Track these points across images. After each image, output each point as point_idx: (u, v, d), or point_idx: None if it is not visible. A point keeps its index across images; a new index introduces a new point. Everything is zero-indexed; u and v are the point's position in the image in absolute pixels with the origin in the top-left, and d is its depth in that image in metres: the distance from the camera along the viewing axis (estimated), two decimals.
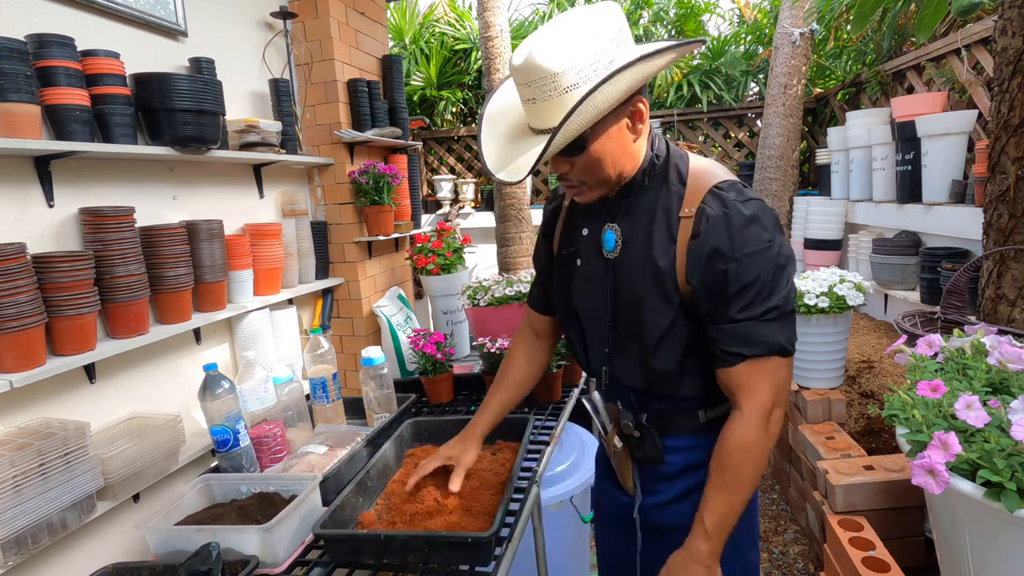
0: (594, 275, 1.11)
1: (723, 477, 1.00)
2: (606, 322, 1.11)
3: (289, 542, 1.21)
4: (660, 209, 1.03)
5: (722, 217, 0.96)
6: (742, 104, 5.30)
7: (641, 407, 1.13)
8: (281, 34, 2.27)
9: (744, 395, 0.98)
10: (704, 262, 0.97)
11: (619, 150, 1.00)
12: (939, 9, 1.89)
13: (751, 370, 0.97)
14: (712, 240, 0.96)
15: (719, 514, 0.99)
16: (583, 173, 1.01)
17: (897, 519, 1.81)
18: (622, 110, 0.97)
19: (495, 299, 2.13)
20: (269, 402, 1.58)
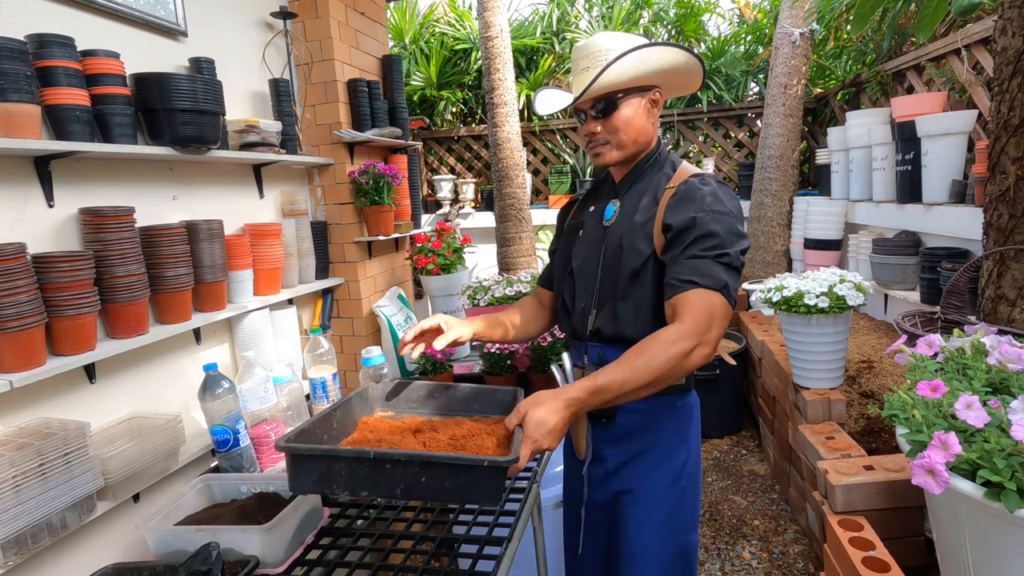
0: (592, 240, 1.33)
1: (633, 357, 1.05)
2: (595, 277, 1.29)
3: (289, 542, 1.21)
4: (652, 186, 1.28)
5: (697, 187, 1.20)
6: (742, 104, 5.30)
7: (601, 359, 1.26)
8: (281, 34, 2.27)
9: (688, 313, 1.09)
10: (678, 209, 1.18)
11: (639, 122, 1.25)
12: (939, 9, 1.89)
13: (698, 297, 1.10)
14: (687, 196, 1.19)
15: (608, 380, 1.03)
16: (610, 133, 1.25)
17: (897, 519, 1.80)
18: (647, 92, 1.25)
19: (495, 299, 2.13)
20: (269, 402, 1.58)
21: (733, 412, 3.55)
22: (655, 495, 1.27)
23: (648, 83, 1.24)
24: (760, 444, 3.34)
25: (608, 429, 1.29)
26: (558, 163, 5.67)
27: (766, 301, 2.31)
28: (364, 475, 0.95)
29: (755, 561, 2.34)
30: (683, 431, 1.31)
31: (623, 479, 1.29)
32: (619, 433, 1.28)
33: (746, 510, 2.71)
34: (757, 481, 2.96)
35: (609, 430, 1.29)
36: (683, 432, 1.31)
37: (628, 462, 1.28)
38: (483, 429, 1.17)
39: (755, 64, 5.47)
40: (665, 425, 1.28)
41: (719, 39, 5.81)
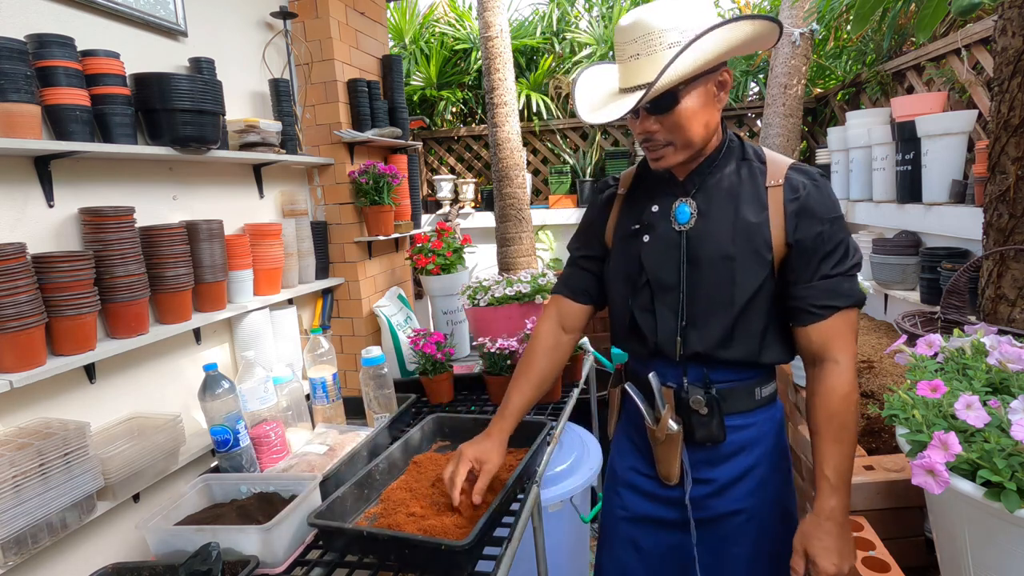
0: (666, 247, 1.13)
1: (833, 428, 1.05)
2: (680, 292, 1.12)
3: (289, 542, 1.21)
4: (743, 181, 1.11)
5: (813, 187, 1.07)
6: (742, 104, 5.30)
7: (709, 382, 1.13)
8: (281, 34, 2.27)
9: (837, 346, 1.06)
10: (804, 223, 1.06)
11: (706, 114, 1.06)
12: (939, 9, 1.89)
13: (841, 322, 1.06)
14: (811, 204, 1.06)
15: (838, 466, 1.03)
16: (671, 132, 1.05)
17: (897, 519, 1.80)
18: (712, 75, 1.04)
19: (495, 299, 2.13)
20: (269, 402, 1.58)
21: None
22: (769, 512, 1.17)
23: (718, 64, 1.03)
24: None
25: (711, 451, 1.16)
26: (558, 163, 5.67)
27: None
28: (365, 545, 1.16)
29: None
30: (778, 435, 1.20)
31: (730, 501, 1.16)
32: (725, 452, 1.15)
33: None
34: None
35: (712, 452, 1.16)
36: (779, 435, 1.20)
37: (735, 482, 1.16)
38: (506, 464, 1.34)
39: (755, 64, 5.47)
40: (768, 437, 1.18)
41: None
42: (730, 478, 1.15)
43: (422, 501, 1.26)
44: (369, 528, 1.15)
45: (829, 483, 1.03)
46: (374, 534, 1.13)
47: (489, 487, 1.30)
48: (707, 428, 1.13)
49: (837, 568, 1.01)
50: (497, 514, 1.21)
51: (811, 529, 1.04)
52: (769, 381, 1.17)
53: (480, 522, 1.11)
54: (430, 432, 1.61)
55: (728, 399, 1.13)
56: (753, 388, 1.15)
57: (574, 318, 1.31)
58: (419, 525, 1.17)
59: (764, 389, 1.16)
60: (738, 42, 1.00)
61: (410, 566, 1.13)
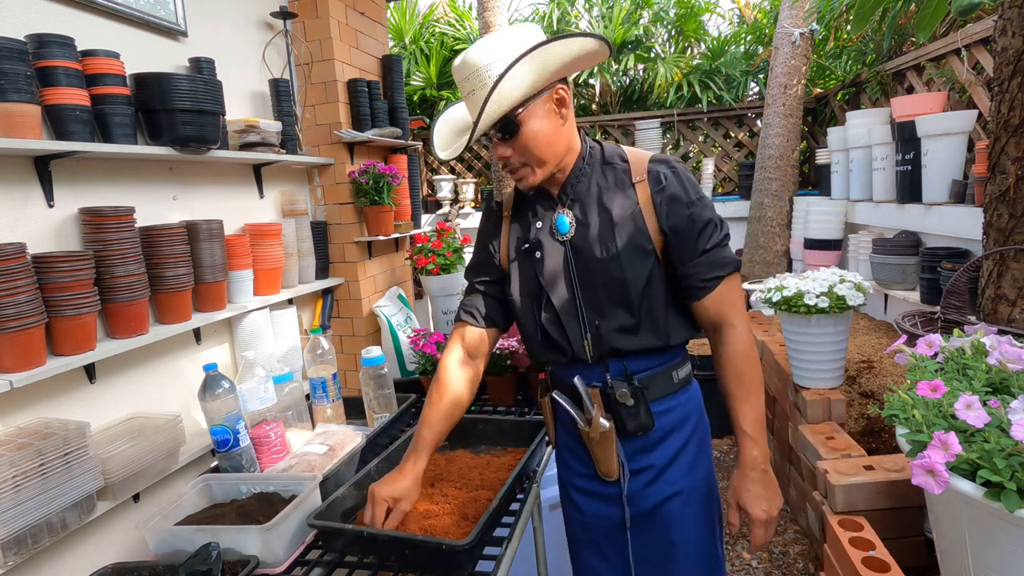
0: (555, 260, 1.20)
1: (743, 385, 1.15)
2: (576, 299, 1.19)
3: (289, 542, 1.21)
4: (610, 184, 1.19)
5: (672, 174, 1.16)
6: (742, 104, 5.30)
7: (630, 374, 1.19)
8: (281, 34, 2.27)
9: (729, 310, 1.16)
10: (672, 209, 1.14)
11: (550, 130, 1.13)
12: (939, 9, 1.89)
13: (728, 288, 1.16)
14: (673, 191, 1.15)
15: (753, 418, 1.14)
16: (522, 154, 1.13)
17: (897, 519, 1.80)
18: (547, 94, 1.11)
19: None
20: (269, 402, 1.58)
21: None
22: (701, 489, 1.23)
23: (546, 84, 1.09)
24: None
25: (643, 440, 1.20)
26: None
27: (766, 301, 2.31)
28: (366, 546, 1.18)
29: (755, 561, 2.34)
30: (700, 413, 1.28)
31: (667, 484, 1.20)
32: (656, 438, 1.20)
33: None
34: None
35: (644, 440, 1.20)
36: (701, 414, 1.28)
37: (670, 464, 1.21)
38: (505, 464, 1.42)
39: (755, 64, 5.47)
40: (692, 414, 1.24)
41: (719, 39, 5.81)
42: (665, 461, 1.21)
43: (421, 501, 1.26)
44: (369, 528, 1.15)
45: (748, 436, 1.13)
46: (374, 534, 1.13)
47: (489, 486, 1.31)
48: (636, 418, 1.18)
49: (767, 513, 1.11)
50: (497, 514, 1.21)
51: (739, 482, 1.14)
52: (684, 363, 1.24)
53: (480, 522, 1.11)
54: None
55: (650, 386, 1.19)
56: (670, 372, 1.21)
57: (480, 343, 1.29)
58: (419, 525, 1.17)
59: (680, 371, 1.23)
60: (557, 63, 1.07)
61: (410, 566, 1.13)
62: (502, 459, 1.46)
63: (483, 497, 1.26)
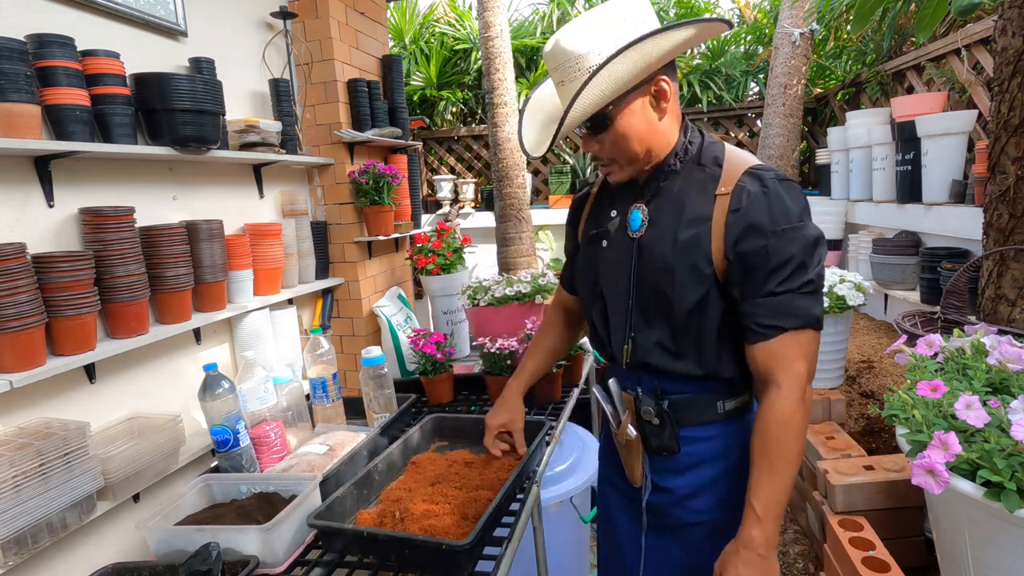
0: (619, 254, 1.12)
1: (767, 457, 0.98)
2: (629, 299, 1.11)
3: (289, 542, 1.21)
4: (694, 189, 1.05)
5: (761, 194, 0.99)
6: (742, 104, 5.30)
7: (663, 393, 1.11)
8: (281, 34, 2.27)
9: (781, 369, 0.99)
10: (744, 236, 0.99)
11: (645, 127, 1.03)
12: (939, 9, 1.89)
13: (788, 343, 0.98)
14: (752, 215, 0.98)
15: (767, 498, 0.97)
16: (612, 150, 1.05)
17: (897, 519, 1.80)
18: (645, 87, 1.01)
19: (495, 299, 2.13)
20: (269, 402, 1.58)
21: None
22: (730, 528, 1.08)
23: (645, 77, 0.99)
24: None
25: (670, 460, 1.13)
26: (558, 163, 5.67)
27: None
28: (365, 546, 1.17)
29: None
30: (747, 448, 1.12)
31: (691, 512, 1.13)
32: (684, 463, 1.12)
33: None
34: None
35: (672, 461, 1.13)
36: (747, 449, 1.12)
37: (697, 493, 1.12)
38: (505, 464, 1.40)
39: (755, 64, 5.47)
40: (734, 451, 1.11)
41: (719, 39, 5.81)
42: (690, 490, 1.12)
43: (421, 501, 1.26)
44: (369, 528, 1.15)
45: (754, 512, 0.97)
46: (374, 534, 1.13)
47: (489, 486, 1.31)
48: (659, 438, 1.11)
49: None
50: (497, 514, 1.21)
51: (730, 555, 0.99)
52: (737, 394, 1.11)
53: (480, 522, 1.11)
54: (429, 432, 1.61)
55: (685, 411, 1.10)
56: (715, 400, 1.10)
57: (574, 303, 1.38)
58: (419, 525, 1.17)
59: (730, 402, 1.10)
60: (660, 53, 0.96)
61: (410, 566, 1.13)
62: (502, 459, 1.46)
63: (483, 497, 1.26)
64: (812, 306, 0.98)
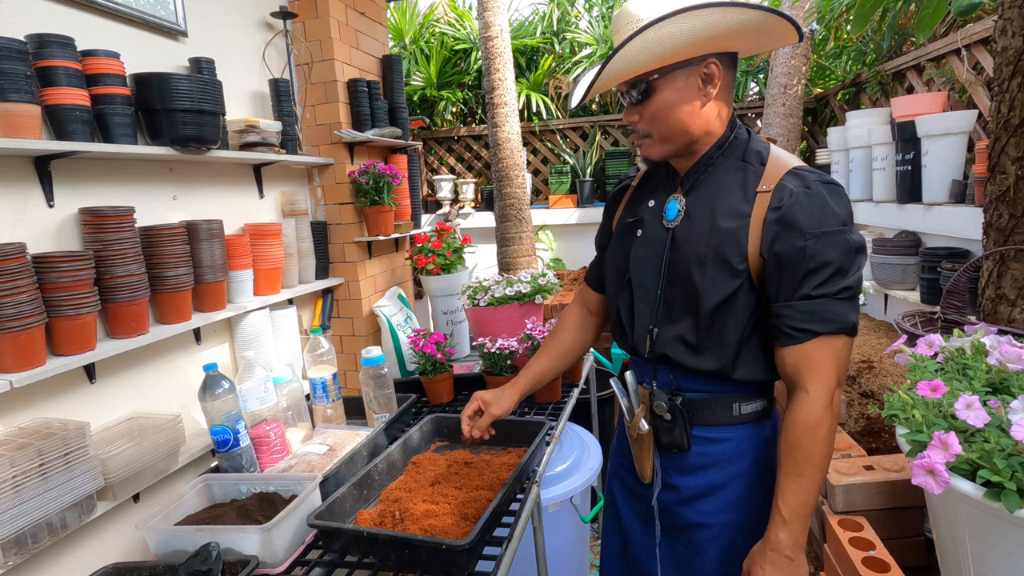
0: (653, 243, 1.12)
1: (793, 461, 0.98)
2: (658, 289, 1.10)
3: (289, 542, 1.21)
4: (735, 184, 1.04)
5: (804, 195, 0.97)
6: (742, 104, 5.30)
7: (678, 390, 1.11)
8: (281, 34, 2.27)
9: (811, 374, 0.98)
10: (783, 236, 0.97)
11: (687, 107, 1.01)
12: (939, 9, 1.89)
13: (820, 348, 0.97)
14: (794, 215, 0.96)
15: (794, 501, 0.97)
16: (650, 123, 1.04)
17: (897, 519, 1.80)
18: (695, 66, 0.99)
19: (495, 299, 2.13)
20: (269, 402, 1.58)
21: None
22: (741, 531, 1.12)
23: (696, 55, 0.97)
24: None
25: (680, 458, 1.13)
26: (558, 163, 5.67)
27: None
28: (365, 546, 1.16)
29: None
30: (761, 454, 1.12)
31: (697, 512, 1.13)
32: (693, 463, 1.12)
33: None
34: None
35: (682, 459, 1.13)
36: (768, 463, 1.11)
37: (705, 495, 1.12)
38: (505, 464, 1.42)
39: (755, 64, 5.47)
40: (747, 456, 1.11)
41: None
42: (697, 490, 1.12)
43: (421, 501, 1.26)
44: (369, 528, 1.15)
45: (781, 516, 0.98)
46: (374, 534, 1.13)
47: (489, 486, 1.31)
48: (670, 435, 1.11)
49: None
50: (497, 514, 1.21)
51: (757, 556, 1.01)
52: (754, 398, 1.10)
53: (480, 522, 1.11)
54: (429, 432, 1.61)
55: (700, 410, 1.10)
56: (731, 403, 1.09)
57: (595, 303, 1.37)
58: (419, 525, 1.17)
59: (746, 406, 1.10)
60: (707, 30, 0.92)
61: (410, 566, 1.13)
62: (502, 459, 1.46)
63: (483, 497, 1.26)
64: (848, 312, 0.97)
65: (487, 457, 1.48)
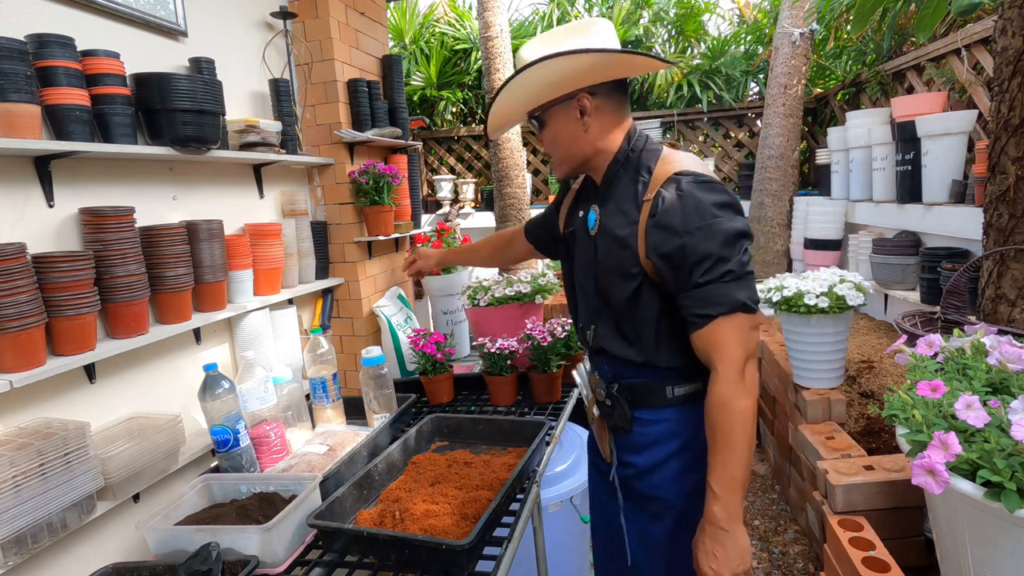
0: (585, 250, 1.27)
1: (714, 439, 1.08)
2: (591, 291, 1.25)
3: (289, 542, 1.21)
4: (630, 195, 1.17)
5: (675, 198, 1.09)
6: (742, 104, 5.30)
7: (615, 377, 1.24)
8: (281, 34, 2.27)
9: (717, 353, 1.07)
10: (661, 239, 1.09)
11: (569, 135, 1.18)
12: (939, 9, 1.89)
13: (720, 328, 1.07)
14: (667, 219, 1.08)
15: (721, 474, 1.06)
16: (548, 148, 1.24)
17: (897, 519, 1.80)
18: (569, 101, 1.15)
19: (495, 299, 2.13)
20: (269, 402, 1.58)
21: None
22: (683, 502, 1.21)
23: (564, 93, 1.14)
24: (760, 444, 3.34)
25: (628, 438, 1.25)
26: None
27: (766, 301, 2.31)
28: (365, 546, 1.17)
29: (755, 561, 2.34)
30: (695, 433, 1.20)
31: (648, 487, 1.23)
32: (640, 443, 1.23)
33: (746, 510, 2.71)
34: (757, 481, 2.96)
35: (629, 439, 1.24)
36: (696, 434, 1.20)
37: (652, 470, 1.22)
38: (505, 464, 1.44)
39: (755, 64, 5.47)
40: (685, 434, 1.21)
41: (719, 39, 5.81)
42: (646, 467, 1.23)
43: (421, 501, 1.26)
44: (369, 528, 1.15)
45: (712, 491, 1.07)
46: (374, 534, 1.13)
47: (489, 486, 1.31)
48: (612, 418, 1.24)
49: (714, 572, 1.07)
50: (497, 514, 1.21)
51: (699, 533, 1.10)
52: (686, 382, 1.19)
53: (480, 522, 1.11)
54: (429, 432, 1.62)
55: (639, 394, 1.22)
56: (664, 387, 1.20)
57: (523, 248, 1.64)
58: (419, 525, 1.17)
59: (679, 388, 1.20)
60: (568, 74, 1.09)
61: (410, 566, 1.13)
62: (502, 459, 1.47)
63: (483, 497, 1.27)
64: (736, 291, 1.06)
65: (487, 457, 1.48)
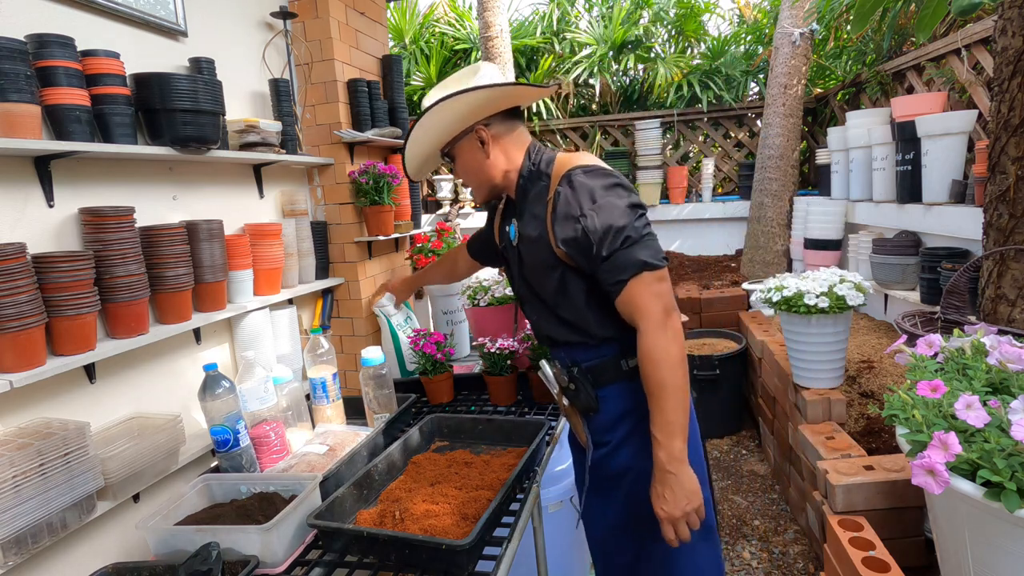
0: (515, 260, 1.41)
1: (649, 388, 1.18)
2: (527, 291, 1.39)
3: (289, 542, 1.21)
4: (537, 201, 1.31)
5: (568, 191, 1.23)
6: (742, 104, 5.30)
7: (573, 362, 1.33)
8: (281, 34, 2.27)
9: (637, 312, 1.18)
10: (565, 228, 1.22)
11: (476, 164, 1.33)
12: (939, 9, 1.89)
13: (633, 289, 1.17)
14: (565, 209, 1.22)
15: (659, 421, 1.16)
16: (462, 179, 1.39)
17: (897, 519, 1.80)
18: (468, 135, 1.31)
19: (495, 299, 2.13)
20: (269, 402, 1.58)
21: (733, 412, 3.55)
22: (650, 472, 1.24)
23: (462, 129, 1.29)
24: (760, 444, 3.34)
25: (598, 418, 1.34)
26: None
27: (766, 301, 2.31)
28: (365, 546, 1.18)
29: (755, 561, 2.34)
30: None
31: (621, 459, 1.33)
32: (608, 420, 1.33)
33: (746, 510, 2.71)
34: (757, 481, 2.96)
35: (599, 419, 1.34)
36: None
37: (622, 444, 1.32)
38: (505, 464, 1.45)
39: (755, 64, 5.47)
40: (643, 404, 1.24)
41: (719, 39, 5.81)
42: (619, 440, 1.32)
43: (421, 501, 1.26)
44: (369, 528, 1.15)
45: (656, 439, 1.17)
46: (374, 534, 1.13)
47: (489, 486, 1.31)
48: (578, 400, 1.32)
49: (666, 513, 1.16)
50: (497, 514, 1.21)
51: (652, 482, 1.20)
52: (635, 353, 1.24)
53: (480, 522, 1.11)
54: (429, 432, 1.62)
55: (598, 374, 1.31)
56: (617, 360, 1.30)
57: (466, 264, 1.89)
58: (419, 525, 1.17)
59: (631, 361, 1.29)
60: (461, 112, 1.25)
61: (410, 566, 1.13)
62: (502, 459, 1.47)
63: (483, 497, 1.27)
64: (637, 253, 1.17)
65: (487, 457, 1.48)
